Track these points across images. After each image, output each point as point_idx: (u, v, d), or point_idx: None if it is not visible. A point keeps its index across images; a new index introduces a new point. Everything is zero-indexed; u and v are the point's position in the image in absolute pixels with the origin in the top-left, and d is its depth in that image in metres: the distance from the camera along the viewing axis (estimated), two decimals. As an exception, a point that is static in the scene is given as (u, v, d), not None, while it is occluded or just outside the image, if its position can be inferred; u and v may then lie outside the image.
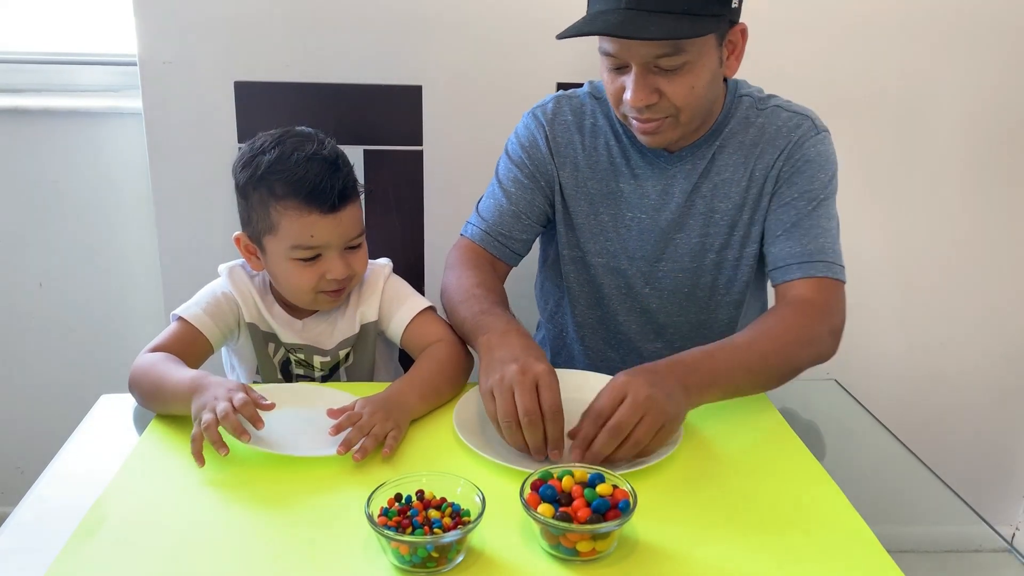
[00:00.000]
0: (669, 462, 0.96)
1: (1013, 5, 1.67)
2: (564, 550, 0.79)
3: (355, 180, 1.16)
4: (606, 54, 1.11)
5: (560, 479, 0.84)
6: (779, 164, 1.19)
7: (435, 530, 0.77)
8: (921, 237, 1.83)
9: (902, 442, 1.15)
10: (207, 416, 0.93)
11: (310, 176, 1.09)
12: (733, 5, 1.07)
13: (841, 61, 1.69)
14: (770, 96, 1.24)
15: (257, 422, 0.93)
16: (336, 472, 0.93)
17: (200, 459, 0.92)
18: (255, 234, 1.16)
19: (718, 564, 0.80)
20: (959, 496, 1.02)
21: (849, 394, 1.28)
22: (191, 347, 1.14)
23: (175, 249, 1.69)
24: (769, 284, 1.23)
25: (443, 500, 0.83)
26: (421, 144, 1.46)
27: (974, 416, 1.98)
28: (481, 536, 0.82)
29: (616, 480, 0.84)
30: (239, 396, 0.94)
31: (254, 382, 1.24)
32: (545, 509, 0.79)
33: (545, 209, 1.29)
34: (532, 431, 0.94)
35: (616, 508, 0.80)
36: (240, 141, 1.44)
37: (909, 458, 1.11)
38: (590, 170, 1.26)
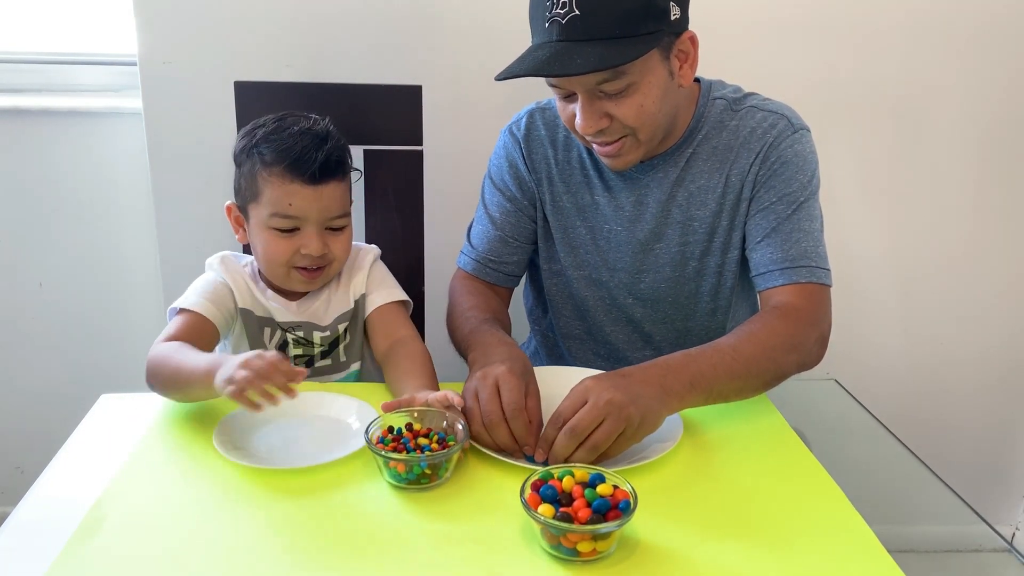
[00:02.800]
0: (670, 462, 0.96)
1: (1013, 5, 1.67)
2: (565, 550, 0.79)
3: (343, 160, 1.17)
4: (551, 84, 1.11)
5: (560, 479, 0.84)
6: (755, 168, 1.16)
7: (426, 453, 0.88)
8: (921, 237, 1.83)
9: (902, 442, 1.15)
10: (242, 372, 0.88)
11: (297, 146, 1.12)
12: (673, 17, 1.04)
13: (841, 61, 1.69)
14: (747, 95, 1.20)
15: (293, 384, 0.90)
16: (336, 474, 0.93)
17: (252, 404, 0.89)
18: (243, 203, 1.18)
19: (718, 564, 0.80)
20: (959, 496, 1.02)
21: (849, 394, 1.28)
22: (201, 335, 1.13)
23: (175, 249, 1.69)
24: None
25: (430, 430, 0.94)
26: (421, 144, 1.46)
27: (974, 416, 1.98)
28: (481, 535, 0.82)
29: (617, 480, 0.84)
30: (271, 353, 0.91)
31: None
32: (546, 509, 0.79)
33: (533, 228, 1.30)
34: (495, 431, 0.95)
35: (617, 508, 0.80)
36: (240, 141, 1.45)
37: (909, 458, 1.11)
38: (564, 184, 1.26)
